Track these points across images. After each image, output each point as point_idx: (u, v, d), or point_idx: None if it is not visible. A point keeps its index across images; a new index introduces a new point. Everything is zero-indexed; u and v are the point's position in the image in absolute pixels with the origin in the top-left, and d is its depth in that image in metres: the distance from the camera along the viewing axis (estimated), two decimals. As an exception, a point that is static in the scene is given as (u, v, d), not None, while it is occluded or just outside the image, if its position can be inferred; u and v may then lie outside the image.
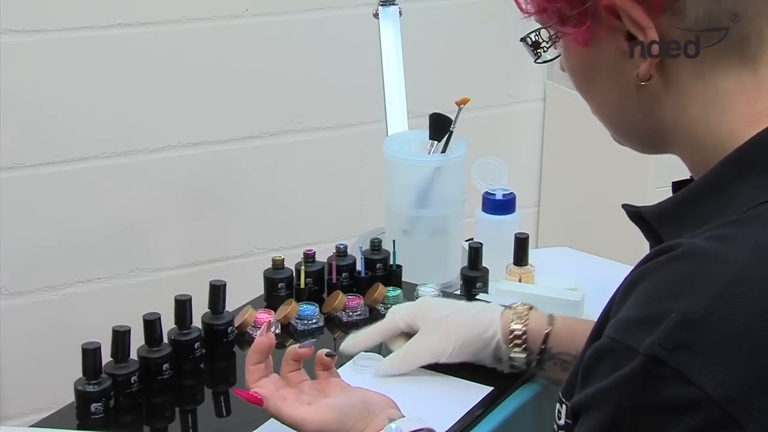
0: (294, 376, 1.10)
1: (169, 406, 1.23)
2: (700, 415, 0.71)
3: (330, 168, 2.33)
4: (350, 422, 1.01)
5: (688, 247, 0.77)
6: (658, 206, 0.86)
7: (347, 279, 1.47)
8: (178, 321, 1.28)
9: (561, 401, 0.87)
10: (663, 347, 0.72)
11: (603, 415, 0.75)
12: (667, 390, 0.72)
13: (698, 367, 0.71)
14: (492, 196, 1.58)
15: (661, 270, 0.77)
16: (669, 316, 0.73)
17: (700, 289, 0.73)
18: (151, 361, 1.23)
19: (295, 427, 1.03)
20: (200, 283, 1.37)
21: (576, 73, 0.90)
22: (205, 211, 2.24)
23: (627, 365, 0.73)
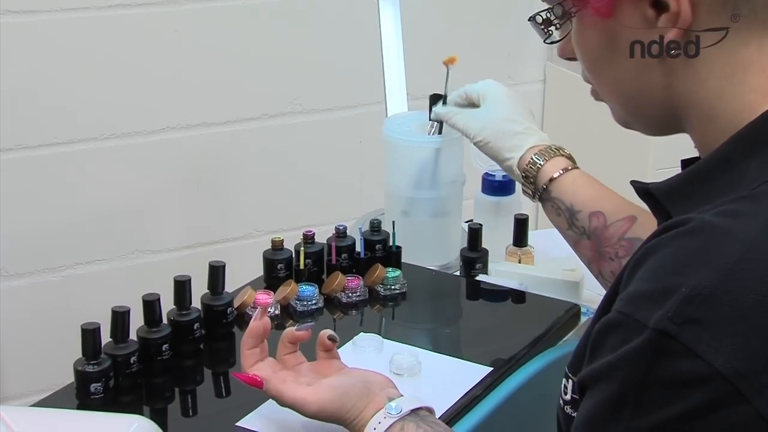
0: (290, 358, 1.10)
1: (168, 386, 1.23)
2: (709, 390, 0.71)
3: (329, 149, 2.33)
4: (350, 402, 1.01)
5: (698, 222, 0.76)
6: (667, 182, 0.85)
7: (347, 260, 1.46)
8: (177, 302, 1.28)
9: (567, 376, 0.87)
10: (672, 322, 0.72)
11: (610, 389, 0.75)
12: (676, 364, 0.72)
13: (707, 342, 0.71)
14: (491, 177, 1.57)
15: (671, 245, 0.76)
16: (678, 290, 0.73)
17: (710, 264, 0.73)
18: (151, 341, 1.23)
19: (295, 408, 1.03)
20: (200, 265, 1.37)
21: (590, 51, 0.89)
22: (204, 193, 2.24)
23: (635, 339, 0.73)
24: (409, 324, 1.29)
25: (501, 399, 1.20)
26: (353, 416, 1.01)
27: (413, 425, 0.98)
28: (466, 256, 1.49)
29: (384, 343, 1.27)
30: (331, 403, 1.01)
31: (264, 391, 1.05)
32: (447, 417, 1.12)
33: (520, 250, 1.50)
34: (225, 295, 1.33)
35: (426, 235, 1.56)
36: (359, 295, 1.42)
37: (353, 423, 1.01)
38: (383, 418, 0.99)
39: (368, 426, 1.00)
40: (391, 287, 1.43)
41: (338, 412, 1.01)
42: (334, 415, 1.01)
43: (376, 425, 0.99)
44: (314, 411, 1.02)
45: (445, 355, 1.26)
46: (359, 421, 1.01)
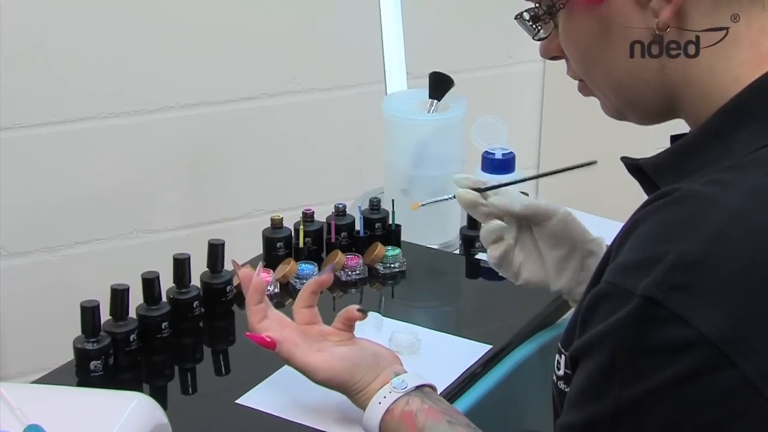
0: (307, 313, 1.09)
1: (168, 364, 1.24)
2: (696, 356, 0.71)
3: (329, 128, 2.32)
4: (360, 374, 1.02)
5: (685, 191, 0.77)
6: (656, 158, 0.86)
7: (346, 238, 1.46)
8: (176, 280, 1.28)
9: (560, 351, 0.87)
10: (659, 288, 0.72)
11: (600, 358, 0.75)
12: (663, 331, 0.72)
13: (694, 308, 0.71)
14: (491, 155, 1.57)
15: (658, 214, 0.77)
16: (665, 258, 0.73)
17: (697, 231, 0.74)
18: (150, 319, 1.23)
19: (305, 372, 1.04)
20: (199, 244, 1.37)
21: (581, 42, 0.88)
22: (203, 173, 2.23)
23: (624, 308, 0.74)
24: (408, 302, 1.29)
25: (500, 376, 1.21)
26: (360, 388, 1.02)
27: (417, 400, 0.99)
28: (465, 234, 1.49)
29: (383, 321, 1.27)
30: (341, 373, 1.02)
31: (275, 352, 1.05)
32: (447, 394, 1.12)
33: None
34: (224, 274, 1.33)
35: (426, 214, 1.55)
36: (359, 273, 1.42)
37: (359, 395, 1.02)
38: (388, 392, 1.00)
39: (374, 399, 1.00)
40: (391, 265, 1.43)
41: (347, 383, 1.02)
42: (341, 385, 1.03)
43: (382, 399, 1.00)
44: (323, 378, 1.03)
45: (445, 333, 1.26)
46: (365, 394, 1.02)
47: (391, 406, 0.99)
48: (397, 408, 0.99)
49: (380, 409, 1.00)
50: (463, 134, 1.57)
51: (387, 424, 0.99)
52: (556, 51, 0.92)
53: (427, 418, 0.97)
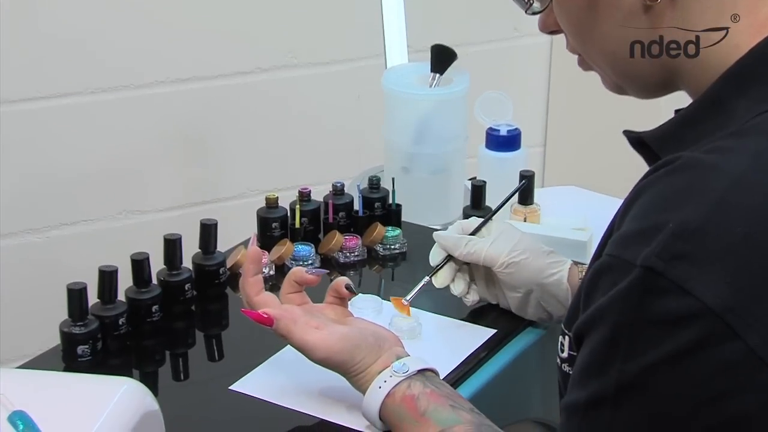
0: (295, 297, 1.10)
1: (158, 349, 1.24)
2: (699, 326, 0.72)
3: (326, 104, 2.32)
4: (360, 355, 1.02)
5: (686, 159, 0.78)
6: (659, 129, 0.87)
7: (344, 218, 1.46)
8: (167, 261, 1.28)
9: (563, 332, 0.88)
10: (659, 258, 0.73)
11: (602, 332, 0.76)
12: (665, 302, 0.73)
13: (696, 277, 0.72)
14: (496, 132, 1.57)
15: (659, 183, 0.78)
16: (666, 226, 0.74)
17: (697, 198, 0.74)
18: (140, 302, 1.23)
19: (302, 351, 1.04)
20: (191, 225, 1.37)
21: (573, 15, 0.89)
22: (195, 151, 2.23)
23: (624, 279, 0.74)
24: (409, 285, 1.28)
25: (505, 362, 1.21)
26: (360, 370, 1.02)
27: (419, 384, 1.00)
28: (468, 214, 1.49)
29: (383, 304, 1.27)
30: (340, 353, 1.02)
31: (273, 329, 1.04)
32: (450, 380, 1.12)
33: (526, 209, 1.50)
34: (217, 255, 1.33)
35: (427, 193, 1.56)
36: (357, 254, 1.42)
37: (359, 377, 1.02)
38: (389, 376, 1.01)
39: (374, 383, 1.01)
40: (391, 247, 1.44)
41: (346, 363, 1.02)
42: (341, 365, 1.03)
43: (382, 383, 1.00)
44: (321, 357, 1.03)
45: (447, 317, 1.27)
46: (365, 376, 1.02)
47: (392, 390, 1.00)
48: (398, 392, 0.99)
49: (381, 393, 1.00)
50: (466, 110, 1.57)
51: (387, 408, 1.00)
52: (554, 25, 0.94)
53: (429, 402, 0.98)
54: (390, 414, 1.00)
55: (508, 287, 1.22)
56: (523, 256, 1.20)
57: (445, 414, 0.97)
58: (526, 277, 1.20)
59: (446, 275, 1.24)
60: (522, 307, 1.23)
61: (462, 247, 1.22)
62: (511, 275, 1.20)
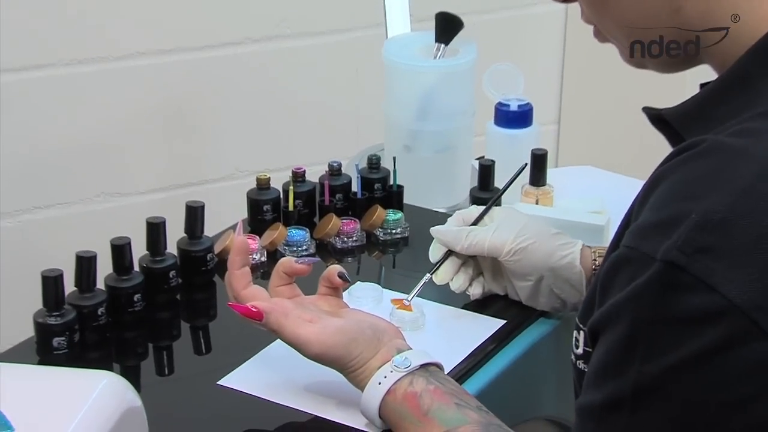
0: (285, 290, 1.10)
1: (141, 341, 1.25)
2: (724, 325, 0.72)
3: (322, 78, 2.32)
4: (357, 349, 1.03)
5: (711, 142, 0.78)
6: (681, 106, 0.86)
7: (342, 201, 1.47)
8: (150, 247, 1.28)
9: (578, 327, 0.88)
10: (681, 251, 0.73)
11: (619, 331, 0.76)
12: (687, 299, 0.73)
13: (721, 272, 0.72)
14: (506, 107, 1.57)
15: (681, 168, 0.78)
16: (688, 217, 0.74)
17: (723, 186, 0.74)
18: (121, 291, 1.24)
19: (295, 346, 1.04)
20: (175, 208, 1.37)
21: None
22: (180, 129, 2.23)
23: (643, 274, 0.75)
24: (411, 272, 1.29)
25: (515, 355, 1.22)
26: (357, 365, 1.02)
27: (422, 380, 1.00)
28: (476, 196, 1.50)
29: (383, 293, 1.28)
30: (335, 347, 1.02)
31: (263, 324, 1.05)
32: (456, 374, 1.13)
33: (538, 190, 1.51)
34: (204, 240, 1.34)
35: (431, 173, 1.56)
36: (356, 240, 1.42)
37: (356, 372, 1.03)
38: (389, 371, 1.01)
39: (373, 379, 1.01)
40: (392, 231, 1.44)
41: (342, 358, 1.02)
42: (336, 360, 1.03)
43: (382, 379, 1.00)
44: (316, 353, 1.03)
45: (453, 307, 1.27)
46: (363, 372, 1.02)
47: (393, 386, 1.00)
48: (399, 388, 1.00)
49: (380, 390, 1.00)
50: (473, 83, 1.57)
51: (388, 406, 1.00)
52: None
53: (433, 400, 0.98)
54: (390, 412, 1.00)
55: (516, 276, 1.22)
56: (529, 240, 1.20)
57: (450, 413, 0.97)
58: (535, 263, 1.21)
59: (447, 271, 1.24)
60: (533, 296, 1.23)
61: (463, 240, 1.23)
62: (518, 263, 1.21)
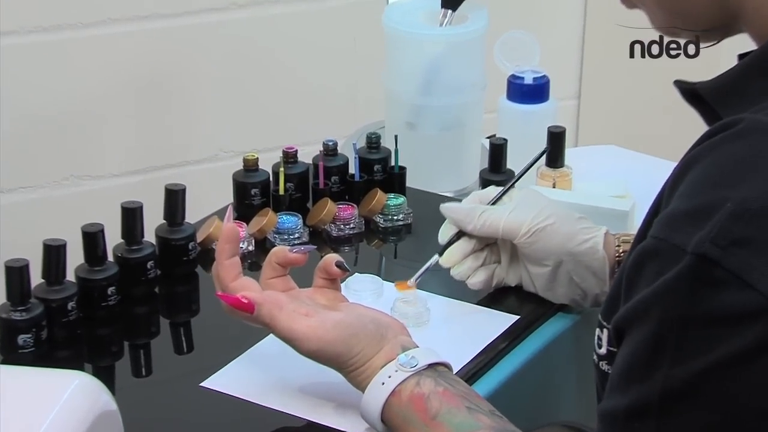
0: (278, 283, 1.11)
1: (116, 339, 1.25)
2: (763, 326, 0.72)
3: (316, 49, 2.32)
4: (358, 346, 1.03)
5: (749, 122, 0.78)
6: (717, 80, 0.86)
7: (338, 184, 1.47)
8: (126, 234, 1.29)
9: (601, 325, 0.89)
10: (715, 244, 0.74)
11: (646, 330, 0.77)
12: (721, 296, 0.73)
13: (759, 267, 0.73)
14: (520, 80, 1.58)
15: (715, 151, 0.78)
16: (723, 206, 0.74)
17: (763, 171, 0.75)
18: (93, 283, 1.24)
19: (290, 341, 1.04)
20: (153, 192, 1.38)
21: None
22: (158, 104, 2.23)
23: (673, 268, 0.75)
24: (415, 263, 1.29)
25: (530, 354, 1.22)
26: (358, 363, 1.03)
27: (430, 381, 1.00)
28: (486, 179, 1.50)
29: (384, 286, 1.29)
30: (334, 343, 1.03)
31: (254, 317, 1.05)
32: (464, 375, 1.13)
33: (555, 172, 1.51)
34: (186, 227, 1.34)
35: (437, 153, 1.57)
36: (353, 227, 1.43)
37: (357, 372, 1.03)
38: (394, 371, 1.01)
39: (376, 379, 1.02)
40: (393, 217, 1.45)
41: (342, 355, 1.03)
42: (335, 358, 1.03)
43: (386, 379, 1.01)
44: (312, 349, 1.03)
45: (461, 301, 1.28)
46: (365, 371, 1.03)
47: (398, 387, 1.00)
48: (404, 390, 1.00)
49: (384, 390, 1.01)
50: (483, 53, 1.57)
51: (391, 409, 1.00)
52: None
53: (442, 403, 0.98)
54: (394, 416, 1.01)
55: (532, 261, 1.23)
56: (548, 221, 1.21)
57: (460, 417, 0.98)
58: (554, 246, 1.21)
59: (455, 253, 1.25)
60: (550, 285, 1.23)
61: (475, 219, 1.23)
62: (535, 245, 1.21)
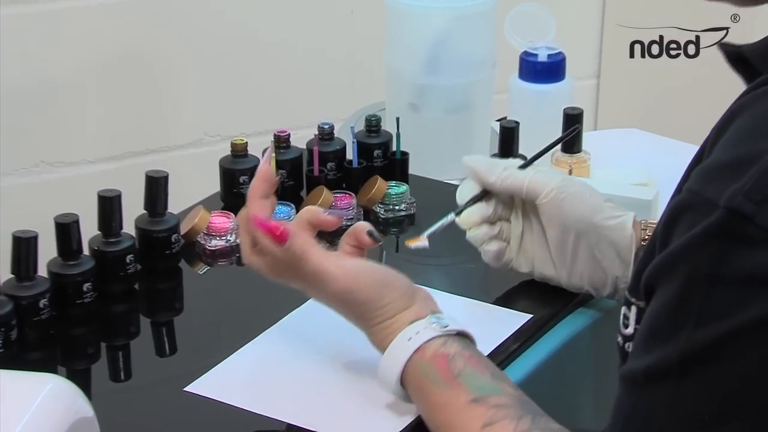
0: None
1: (92, 339, 1.26)
2: None
3: (310, 22, 2.32)
4: (389, 296, 1.06)
5: None
6: (763, 42, 0.87)
7: (334, 171, 1.48)
8: (103, 226, 1.29)
9: (627, 302, 0.90)
10: (749, 198, 0.75)
11: (673, 287, 0.78)
12: (753, 255, 0.75)
13: None
14: (533, 57, 1.58)
15: (758, 104, 0.79)
16: (761, 158, 0.75)
17: None
18: (67, 279, 1.24)
19: (317, 278, 1.06)
20: (132, 180, 1.38)
21: None
22: (137, 83, 2.23)
23: (703, 222, 0.76)
24: (418, 257, 1.30)
25: (543, 357, 1.23)
26: (386, 316, 1.06)
27: (458, 345, 1.03)
28: (497, 165, 1.51)
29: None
30: (365, 288, 1.05)
31: (285, 248, 1.06)
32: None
33: (572, 158, 1.51)
34: (168, 218, 1.34)
35: (442, 137, 1.57)
36: (351, 218, 1.43)
37: (383, 324, 1.06)
38: (423, 328, 1.04)
39: (402, 333, 1.04)
40: (395, 207, 1.45)
41: (370, 302, 1.06)
42: (362, 303, 1.06)
43: (413, 335, 1.04)
44: (340, 289, 1.06)
45: (469, 299, 1.28)
46: (392, 324, 1.05)
47: (424, 344, 1.03)
48: (429, 347, 1.03)
49: (410, 346, 1.03)
50: (493, 28, 1.57)
51: (414, 365, 1.03)
52: None
53: (466, 365, 1.01)
54: (413, 373, 1.03)
55: (553, 226, 1.21)
56: (576, 188, 1.21)
57: (483, 380, 1.00)
58: (579, 213, 1.20)
59: (475, 213, 1.24)
60: (568, 258, 1.22)
61: (500, 171, 1.22)
62: (560, 208, 1.20)
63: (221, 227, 1.37)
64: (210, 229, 1.37)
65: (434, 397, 1.01)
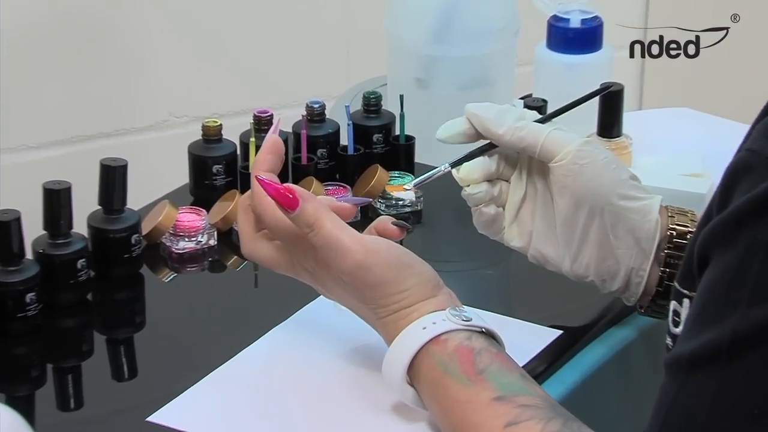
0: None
1: (36, 360, 1.26)
2: None
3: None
4: (410, 280, 1.08)
5: None
6: None
7: (326, 158, 1.48)
8: (49, 225, 1.29)
9: (679, 295, 0.92)
10: None
11: (727, 258, 0.80)
12: None
13: None
14: (564, 22, 1.58)
15: None
16: None
17: None
18: (7, 287, 1.24)
19: (329, 250, 1.07)
20: (85, 169, 1.38)
21: None
22: (90, 54, 2.24)
23: (764, 184, 0.78)
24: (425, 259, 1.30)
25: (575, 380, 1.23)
26: (404, 304, 1.07)
27: (483, 341, 1.05)
28: (520, 151, 1.51)
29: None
30: (382, 267, 1.07)
31: (296, 215, 1.07)
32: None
33: (610, 143, 1.52)
34: (128, 215, 1.34)
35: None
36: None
37: (399, 314, 1.07)
38: (442, 319, 1.06)
39: (416, 322, 1.06)
40: (398, 202, 1.45)
41: (387, 285, 1.07)
42: (377, 285, 1.07)
43: (429, 324, 1.05)
44: (351, 264, 1.06)
45: (486, 311, 1.28)
46: (410, 314, 1.07)
47: (445, 335, 1.04)
48: (452, 339, 1.04)
49: (422, 336, 1.05)
50: (515, -12, 1.58)
51: (430, 357, 1.04)
52: None
53: (493, 361, 1.03)
54: (428, 365, 1.04)
55: (564, 195, 1.18)
56: (600, 156, 1.17)
57: (511, 379, 1.02)
58: (598, 186, 1.17)
59: (477, 169, 1.21)
60: (571, 237, 1.19)
61: (511, 122, 1.18)
62: (577, 175, 1.17)
63: (190, 226, 1.36)
64: (177, 229, 1.37)
65: (452, 392, 1.02)
